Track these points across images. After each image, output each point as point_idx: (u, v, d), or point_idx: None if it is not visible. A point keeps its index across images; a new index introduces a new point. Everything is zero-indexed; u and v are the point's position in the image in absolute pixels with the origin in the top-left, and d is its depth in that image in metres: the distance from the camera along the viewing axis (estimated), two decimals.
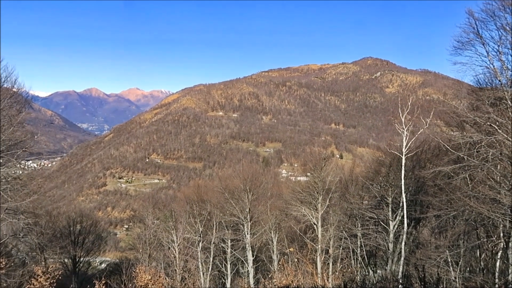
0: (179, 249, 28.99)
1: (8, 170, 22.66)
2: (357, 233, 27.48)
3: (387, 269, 24.75)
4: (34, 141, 25.33)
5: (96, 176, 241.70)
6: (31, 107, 28.80)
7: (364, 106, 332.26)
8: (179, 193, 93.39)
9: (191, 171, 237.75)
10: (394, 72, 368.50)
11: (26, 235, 24.85)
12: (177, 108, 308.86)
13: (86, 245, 38.47)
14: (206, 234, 31.10)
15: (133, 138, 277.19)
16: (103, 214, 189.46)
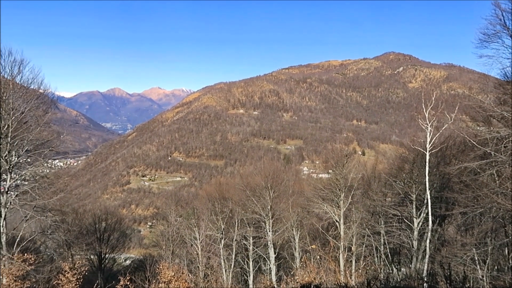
0: (201, 246, 29.25)
1: (36, 169, 23.29)
2: (380, 230, 27.11)
3: (411, 267, 24.34)
4: (60, 141, 25.93)
5: (120, 174, 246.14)
6: (57, 108, 29.46)
7: (386, 102, 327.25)
8: (201, 190, 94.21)
9: (212, 169, 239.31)
10: (417, 67, 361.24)
11: (54, 232, 25.48)
12: (198, 107, 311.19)
13: (111, 242, 39.22)
14: (228, 232, 31.27)
15: (156, 137, 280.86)
16: (127, 211, 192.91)
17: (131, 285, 14.63)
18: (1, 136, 20.60)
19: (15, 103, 21.34)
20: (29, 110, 22.12)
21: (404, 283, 20.26)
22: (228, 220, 31.27)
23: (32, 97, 22.32)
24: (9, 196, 20.75)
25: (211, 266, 28.69)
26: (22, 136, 21.24)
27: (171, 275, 14.76)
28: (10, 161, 21.01)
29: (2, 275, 15.82)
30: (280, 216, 30.92)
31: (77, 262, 15.41)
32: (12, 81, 21.58)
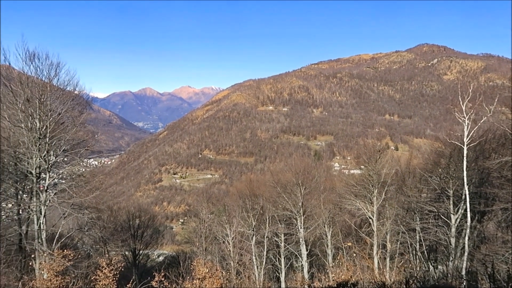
0: (233, 243, 29.39)
1: (73, 168, 24.00)
2: (416, 227, 26.38)
3: (449, 265, 23.55)
4: (95, 140, 26.64)
5: (152, 172, 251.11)
6: (91, 108, 30.22)
7: (420, 95, 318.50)
8: (231, 188, 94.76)
9: (242, 166, 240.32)
10: (452, 58, 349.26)
11: (90, 229, 26.20)
12: (228, 104, 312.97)
13: (145, 239, 40.03)
14: (259, 228, 31.27)
15: (186, 135, 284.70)
16: (159, 208, 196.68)
17: (166, 281, 14.82)
18: (40, 137, 21.34)
19: (53, 104, 22.04)
20: (66, 111, 22.79)
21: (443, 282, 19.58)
22: (259, 217, 31.26)
23: (68, 98, 22.97)
24: (48, 194, 21.47)
25: (243, 263, 28.76)
26: (59, 136, 21.92)
27: (205, 272, 14.86)
28: (49, 160, 21.73)
29: (44, 270, 16.40)
30: (311, 212, 30.64)
31: (114, 258, 15.72)
32: (49, 83, 22.26)
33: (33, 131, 21.38)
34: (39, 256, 19.98)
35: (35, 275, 19.47)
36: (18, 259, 21.45)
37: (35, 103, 21.44)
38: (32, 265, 20.12)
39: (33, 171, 21.45)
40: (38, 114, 21.41)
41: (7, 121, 21.81)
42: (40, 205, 21.23)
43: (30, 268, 20.59)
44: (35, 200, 21.70)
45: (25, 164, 21.85)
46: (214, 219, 34.99)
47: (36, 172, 21.50)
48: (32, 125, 21.46)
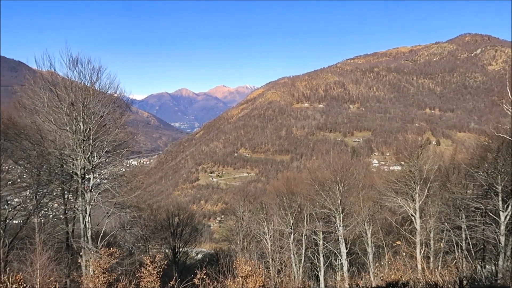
0: (271, 241, 29.37)
1: (115, 168, 24.76)
2: (461, 225, 25.36)
3: (498, 264, 22.47)
4: (135, 141, 27.38)
5: (190, 171, 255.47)
6: (131, 110, 31.04)
7: (462, 88, 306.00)
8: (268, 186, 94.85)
9: (278, 164, 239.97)
10: (497, 47, 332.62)
11: (132, 227, 26.96)
12: (263, 103, 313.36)
13: (184, 237, 40.73)
14: (297, 226, 31.10)
15: (222, 134, 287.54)
16: (197, 207, 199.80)
17: (207, 278, 14.96)
18: (84, 139, 22.15)
19: (95, 108, 22.82)
20: (107, 113, 23.55)
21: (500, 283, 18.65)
22: (297, 215, 31.09)
23: (110, 101, 23.71)
24: (93, 194, 22.26)
25: (282, 261, 28.68)
26: (102, 138, 22.67)
27: (248, 270, 14.88)
28: (92, 161, 22.53)
29: (91, 267, 17.00)
30: (350, 210, 30.13)
31: (157, 256, 16.06)
32: (92, 87, 23.07)
33: (77, 133, 22.22)
34: (86, 254, 20.73)
35: (82, 272, 20.25)
36: (66, 256, 22.37)
37: (79, 107, 22.27)
38: (79, 262, 20.93)
39: (78, 172, 22.29)
40: (82, 117, 22.23)
41: (54, 125, 22.77)
42: (85, 205, 22.05)
43: (77, 265, 21.45)
44: (80, 200, 22.56)
45: (71, 165, 22.74)
46: (252, 217, 35.10)
47: (81, 173, 22.33)
48: (77, 128, 22.31)
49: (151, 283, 14.98)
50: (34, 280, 14.91)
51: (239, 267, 15.41)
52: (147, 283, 15.02)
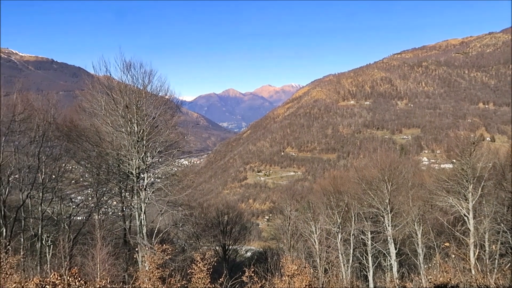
0: (319, 241, 29.41)
1: (167, 168, 25.91)
2: None
3: None
4: (185, 141, 28.45)
5: (238, 171, 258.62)
6: (181, 111, 32.20)
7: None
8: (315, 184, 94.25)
9: (325, 163, 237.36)
10: None
11: (184, 225, 28.00)
12: (308, 101, 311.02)
13: (233, 235, 41.61)
14: (344, 226, 30.90)
15: (268, 133, 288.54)
16: (245, 205, 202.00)
17: (255, 276, 15.38)
18: (138, 140, 23.37)
19: (148, 109, 24.00)
20: (159, 115, 24.67)
21: None
22: (344, 214, 30.88)
23: (161, 103, 24.83)
24: (147, 193, 23.43)
25: (330, 261, 28.65)
26: (154, 138, 23.80)
27: (294, 269, 15.14)
28: (146, 161, 23.72)
29: (146, 262, 18.00)
30: (399, 210, 29.52)
31: (207, 253, 16.69)
32: (144, 90, 24.27)
33: (132, 134, 23.47)
34: (141, 250, 21.91)
35: (138, 267, 21.42)
36: (124, 251, 23.75)
37: (133, 109, 23.52)
38: (135, 258, 22.12)
39: (133, 171, 23.55)
40: (135, 119, 23.45)
41: (110, 127, 24.20)
42: (140, 203, 23.26)
43: (134, 260, 22.68)
44: (136, 198, 23.82)
45: (127, 165, 24.05)
46: (299, 216, 35.23)
47: (136, 172, 23.58)
48: (131, 129, 23.57)
49: (202, 280, 15.51)
50: (95, 273, 16.01)
51: (285, 266, 15.70)
52: (198, 279, 15.60)
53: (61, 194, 25.24)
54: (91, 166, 26.22)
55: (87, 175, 27.98)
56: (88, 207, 26.44)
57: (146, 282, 16.36)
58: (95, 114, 25.46)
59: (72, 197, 26.97)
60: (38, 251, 23.15)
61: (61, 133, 26.13)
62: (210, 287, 15.46)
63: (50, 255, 22.66)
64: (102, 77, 26.05)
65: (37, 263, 21.84)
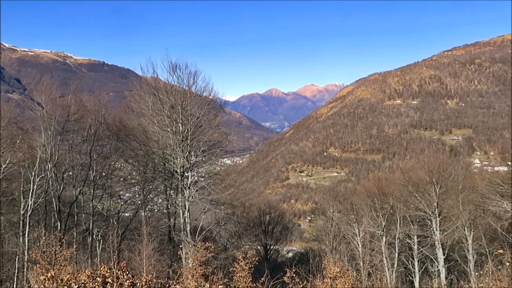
0: (362, 243, 28.80)
1: (210, 167, 26.38)
2: None
3: None
4: (228, 141, 28.81)
5: (280, 171, 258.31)
6: (224, 111, 32.66)
7: None
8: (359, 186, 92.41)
9: (369, 164, 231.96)
10: None
11: (226, 223, 28.41)
12: (352, 100, 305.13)
13: (275, 235, 41.64)
14: (389, 229, 30.09)
15: (311, 133, 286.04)
16: (287, 206, 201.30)
17: (297, 277, 15.31)
18: (183, 139, 23.96)
19: (192, 109, 24.56)
20: (203, 115, 25.17)
21: None
22: (389, 217, 30.07)
23: (205, 103, 25.33)
24: (191, 191, 23.97)
25: (373, 264, 27.96)
26: (198, 138, 24.31)
27: (337, 271, 14.93)
28: (190, 160, 24.27)
29: (190, 259, 18.41)
30: (448, 214, 28.32)
31: (249, 252, 16.81)
32: (189, 90, 24.84)
33: (177, 134, 24.10)
34: (185, 247, 22.43)
35: (182, 263, 21.95)
36: (168, 248, 24.43)
37: (178, 109, 24.15)
38: (179, 254, 22.70)
39: (178, 170, 24.18)
40: (180, 119, 24.06)
41: (157, 126, 24.98)
42: (184, 201, 23.84)
43: (178, 257, 23.28)
44: (180, 196, 24.44)
45: (172, 164, 24.74)
46: (342, 218, 34.70)
47: (181, 171, 24.19)
48: (176, 129, 24.21)
49: (243, 278, 15.63)
50: (141, 268, 16.57)
51: (327, 268, 15.50)
52: (239, 278, 15.73)
53: (110, 191, 26.38)
54: (138, 165, 27.18)
55: (135, 173, 29.04)
56: (135, 204, 27.44)
57: (190, 278, 16.70)
58: (142, 114, 26.36)
59: (120, 194, 28.13)
60: (89, 245, 24.34)
61: (111, 133, 27.29)
62: (252, 286, 15.51)
63: (100, 249, 23.74)
64: (150, 78, 26.93)
65: (88, 256, 22.95)
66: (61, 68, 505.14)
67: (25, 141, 24.30)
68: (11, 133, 23.96)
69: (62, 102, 25.73)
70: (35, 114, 24.20)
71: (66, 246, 17.75)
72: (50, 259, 15.95)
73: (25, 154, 22.96)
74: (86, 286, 10.60)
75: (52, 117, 23.57)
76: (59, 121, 24.10)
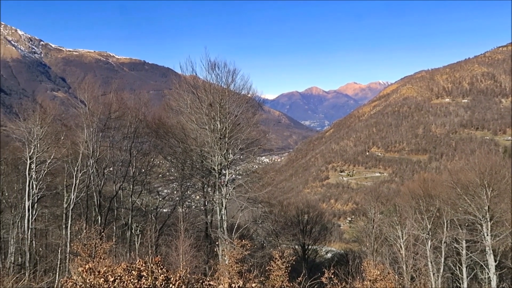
0: (405, 246, 27.63)
1: (247, 165, 26.19)
2: None
3: None
4: (266, 139, 28.51)
5: (319, 170, 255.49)
6: (263, 109, 32.41)
7: None
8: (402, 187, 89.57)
9: (414, 164, 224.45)
10: None
11: (264, 222, 28.11)
12: (397, 99, 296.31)
13: (313, 234, 40.98)
14: (435, 232, 28.70)
15: (353, 132, 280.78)
16: (326, 205, 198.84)
17: (335, 278, 14.74)
18: (220, 137, 23.89)
19: (230, 108, 24.45)
20: (241, 113, 25.00)
21: None
22: (435, 220, 28.69)
23: (243, 101, 25.15)
24: (228, 189, 23.87)
25: (417, 268, 26.71)
26: (236, 136, 24.16)
27: (377, 274, 14.25)
28: (228, 158, 24.17)
29: (226, 256, 18.25)
30: (501, 218, 26.55)
31: (286, 251, 16.44)
32: (227, 88, 24.76)
33: (215, 132, 24.07)
34: (222, 244, 22.36)
35: (218, 260, 21.89)
36: (205, 244, 24.47)
37: (216, 107, 24.11)
38: (216, 251, 22.66)
39: (216, 167, 24.14)
40: (218, 117, 24.01)
41: (195, 124, 25.07)
42: (221, 198, 23.78)
43: (214, 253, 23.26)
44: (217, 193, 24.42)
45: (209, 161, 24.75)
46: (384, 220, 33.58)
47: (218, 168, 24.14)
48: (214, 126, 24.18)
49: (280, 277, 15.33)
50: (178, 263, 16.59)
51: (367, 270, 14.84)
52: (276, 276, 15.44)
53: (149, 187, 26.84)
54: (177, 162, 27.45)
55: (173, 170, 29.39)
56: (173, 200, 27.76)
57: (226, 275, 16.54)
58: (181, 112, 26.59)
59: (159, 190, 28.56)
60: (128, 239, 24.85)
61: (150, 130, 27.74)
62: (288, 285, 15.16)
63: (138, 244, 24.16)
64: (189, 77, 27.11)
65: (127, 250, 23.40)
66: (104, 67, 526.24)
67: (68, 137, 25.19)
68: (55, 130, 24.89)
69: (104, 100, 26.45)
70: (78, 112, 25.03)
71: (106, 239, 18.11)
72: (90, 252, 16.33)
73: (69, 150, 23.78)
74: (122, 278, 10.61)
75: (94, 114, 24.26)
76: (101, 118, 24.76)
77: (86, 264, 12.49)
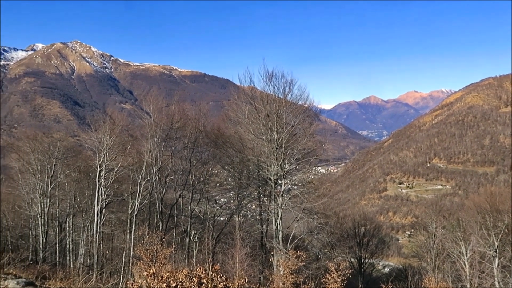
0: (470, 263, 26.16)
1: (303, 175, 26.25)
2: None
3: None
4: (322, 149, 28.43)
5: (377, 181, 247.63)
6: (319, 119, 32.35)
7: None
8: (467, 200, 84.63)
9: (480, 177, 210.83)
10: None
11: (319, 233, 27.94)
12: (461, 108, 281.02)
13: (370, 248, 39.87)
14: (503, 250, 26.92)
15: (413, 143, 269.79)
16: (384, 218, 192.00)
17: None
18: (277, 147, 24.22)
19: (287, 118, 24.75)
20: (298, 123, 25.22)
21: None
22: (503, 237, 26.93)
23: (300, 111, 25.35)
24: (284, 199, 24.07)
25: (483, 287, 25.19)
26: (292, 146, 24.37)
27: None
28: (284, 168, 24.41)
29: (281, 267, 18.43)
30: None
31: (341, 264, 16.29)
32: (284, 99, 25.09)
33: (271, 142, 24.44)
34: (277, 254, 22.53)
35: (273, 270, 22.07)
36: (260, 254, 24.75)
37: (273, 118, 24.51)
38: (271, 261, 22.87)
39: (272, 177, 24.46)
40: (275, 127, 24.37)
41: (252, 134, 25.63)
42: (277, 208, 24.01)
43: (269, 263, 23.47)
44: (273, 203, 24.68)
45: (265, 171, 25.13)
46: (446, 235, 32.01)
47: (274, 178, 24.44)
48: (271, 137, 24.57)
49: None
50: (234, 272, 16.98)
51: (428, 287, 14.37)
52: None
53: (207, 196, 27.69)
54: (234, 171, 28.10)
55: (230, 179, 30.09)
56: (230, 209, 28.39)
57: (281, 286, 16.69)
58: (239, 122, 27.27)
59: (216, 198, 29.36)
60: (186, 246, 25.76)
61: (209, 140, 28.69)
62: None
63: (196, 250, 24.98)
64: (247, 88, 27.77)
65: (185, 257, 24.29)
66: (167, 80, 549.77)
67: (134, 147, 26.74)
68: (123, 140, 26.54)
69: (167, 111, 27.80)
70: (143, 122, 26.55)
71: (166, 245, 18.93)
72: (152, 257, 17.16)
73: (134, 159, 25.24)
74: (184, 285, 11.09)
75: (158, 125, 25.59)
76: (164, 128, 26.05)
77: (148, 268, 13.22)
